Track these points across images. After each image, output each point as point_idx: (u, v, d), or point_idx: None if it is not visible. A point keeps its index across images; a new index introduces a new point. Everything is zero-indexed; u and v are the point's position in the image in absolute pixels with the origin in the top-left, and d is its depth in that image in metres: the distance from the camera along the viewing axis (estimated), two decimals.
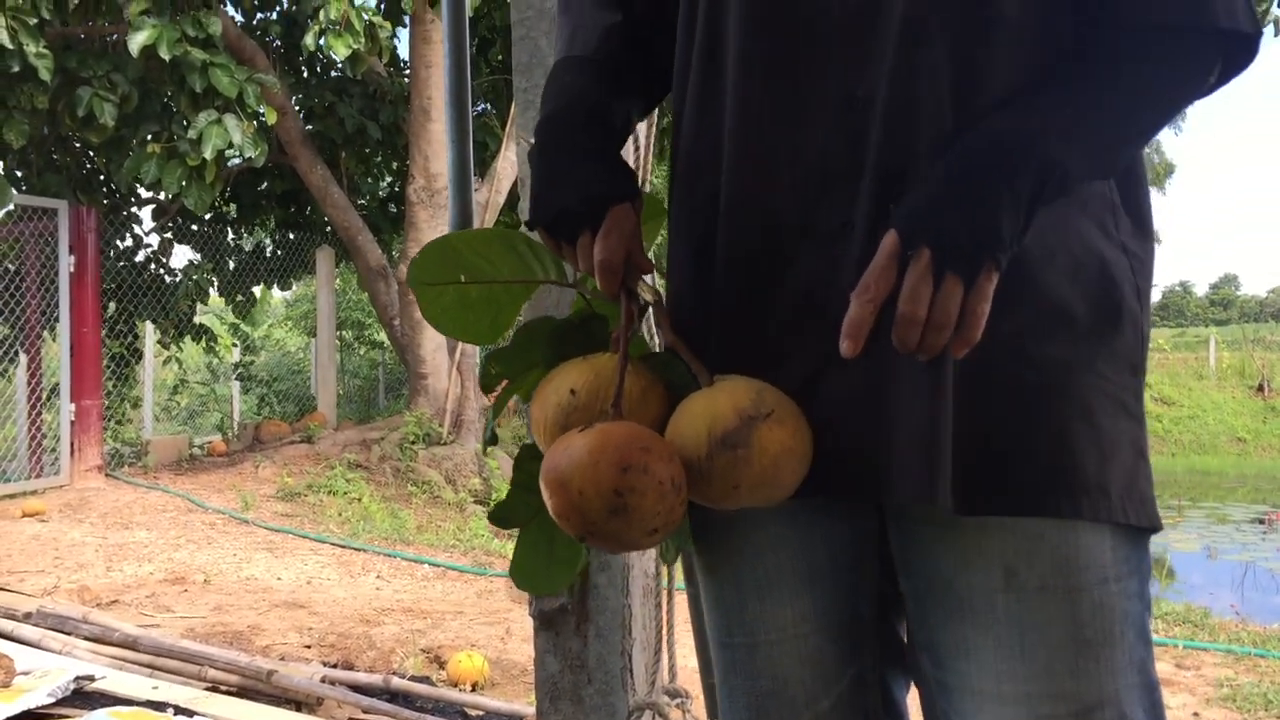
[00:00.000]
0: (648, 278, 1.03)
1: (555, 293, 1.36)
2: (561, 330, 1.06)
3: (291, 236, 11.25)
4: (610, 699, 1.23)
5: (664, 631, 1.45)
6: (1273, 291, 69.10)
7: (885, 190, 0.93)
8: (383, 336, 13.59)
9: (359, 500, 8.10)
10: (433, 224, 9.02)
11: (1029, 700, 0.94)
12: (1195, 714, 3.61)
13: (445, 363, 9.24)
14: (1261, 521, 13.51)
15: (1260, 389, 24.78)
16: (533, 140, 1.11)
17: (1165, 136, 39.80)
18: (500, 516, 1.08)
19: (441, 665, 4.05)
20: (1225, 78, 0.95)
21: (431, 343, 9.16)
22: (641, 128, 1.12)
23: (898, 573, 1.05)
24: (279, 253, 11.26)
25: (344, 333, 15.11)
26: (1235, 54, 0.93)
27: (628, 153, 1.11)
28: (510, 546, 6.77)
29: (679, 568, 1.72)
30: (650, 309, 1.03)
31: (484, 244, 1.07)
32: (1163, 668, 4.19)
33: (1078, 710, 0.93)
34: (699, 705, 1.51)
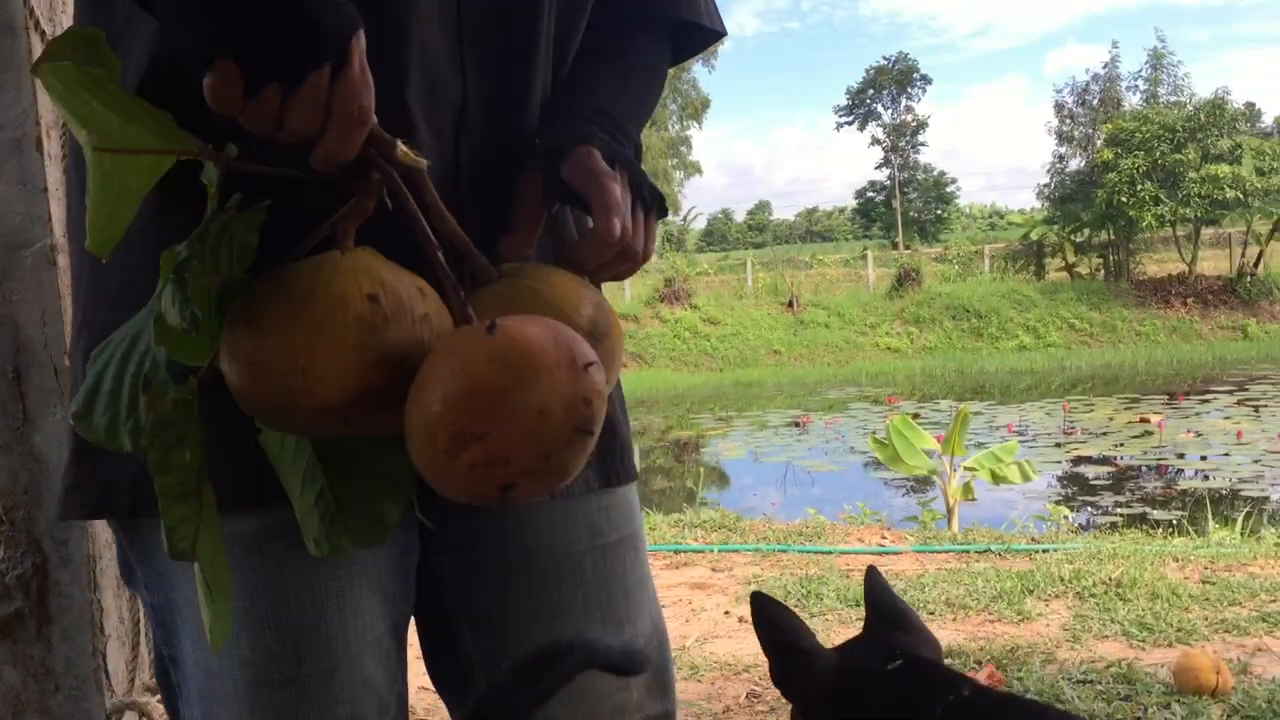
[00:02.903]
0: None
1: None
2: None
3: None
4: (84, 705, 1.11)
5: (143, 624, 1.33)
6: (799, 214, 77.14)
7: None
8: None
9: None
10: None
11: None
12: (726, 612, 3.95)
13: None
14: (797, 424, 15.19)
15: (790, 304, 27.76)
16: None
17: (700, 73, 42.79)
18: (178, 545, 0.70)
19: None
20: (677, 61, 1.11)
21: None
22: None
23: (433, 553, 0.98)
24: None
25: None
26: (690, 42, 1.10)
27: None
28: None
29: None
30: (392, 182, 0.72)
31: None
32: (700, 572, 4.55)
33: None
34: None
